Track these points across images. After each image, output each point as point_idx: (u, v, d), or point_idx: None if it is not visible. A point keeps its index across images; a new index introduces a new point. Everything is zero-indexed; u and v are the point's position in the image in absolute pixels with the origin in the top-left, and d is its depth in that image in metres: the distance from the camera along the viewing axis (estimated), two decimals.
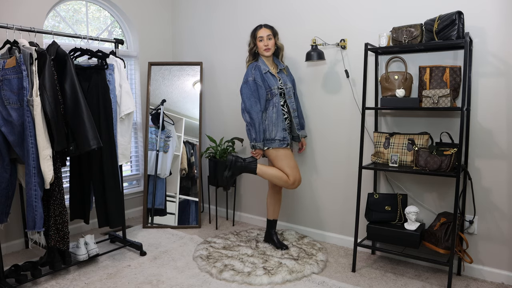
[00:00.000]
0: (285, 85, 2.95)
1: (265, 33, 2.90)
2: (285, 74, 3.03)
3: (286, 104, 2.96)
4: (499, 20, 2.40)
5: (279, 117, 2.86)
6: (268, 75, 2.89)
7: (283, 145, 2.87)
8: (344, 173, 3.12)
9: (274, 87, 2.87)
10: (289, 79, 3.05)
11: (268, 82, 2.87)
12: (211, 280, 2.58)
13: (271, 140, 2.87)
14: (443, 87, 2.47)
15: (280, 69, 3.00)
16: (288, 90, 2.96)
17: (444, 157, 2.36)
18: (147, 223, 3.62)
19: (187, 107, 3.79)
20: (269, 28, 2.94)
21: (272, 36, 2.93)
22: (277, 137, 2.85)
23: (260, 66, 2.90)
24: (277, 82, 2.91)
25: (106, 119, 2.74)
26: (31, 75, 2.31)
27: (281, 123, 2.87)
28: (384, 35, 2.63)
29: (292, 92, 3.02)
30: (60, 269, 2.63)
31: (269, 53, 2.92)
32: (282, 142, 2.86)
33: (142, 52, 3.93)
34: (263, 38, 2.89)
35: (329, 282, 2.55)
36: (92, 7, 3.71)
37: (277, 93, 2.88)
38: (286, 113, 2.95)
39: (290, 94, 2.97)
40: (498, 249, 2.52)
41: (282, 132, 2.87)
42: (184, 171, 3.71)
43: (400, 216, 2.68)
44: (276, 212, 3.13)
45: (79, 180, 2.85)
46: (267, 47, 2.90)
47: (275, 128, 2.85)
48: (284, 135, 2.87)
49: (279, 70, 3.00)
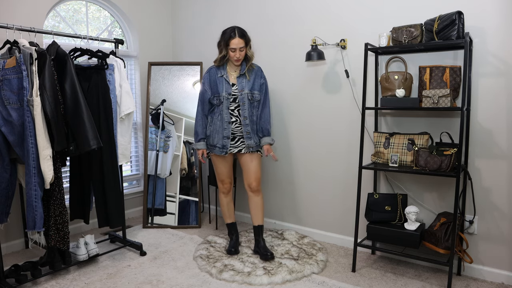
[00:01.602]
0: (240, 91, 2.85)
1: (238, 45, 2.76)
2: (247, 79, 2.89)
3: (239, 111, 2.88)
4: (499, 20, 2.40)
5: (222, 124, 2.84)
6: (221, 80, 2.85)
7: (221, 153, 2.86)
8: (344, 173, 3.12)
9: (222, 94, 2.83)
10: (248, 84, 2.87)
11: (218, 87, 2.85)
12: (211, 280, 2.58)
13: (213, 146, 2.89)
14: (443, 87, 2.47)
15: (241, 74, 2.89)
16: (242, 97, 2.85)
17: (444, 157, 2.36)
18: (147, 223, 3.62)
19: (187, 107, 3.79)
20: (242, 37, 2.78)
21: (244, 47, 2.81)
22: (217, 145, 2.86)
23: (214, 70, 2.89)
24: (229, 89, 2.84)
25: (106, 119, 2.74)
26: (31, 75, 2.31)
27: (223, 131, 2.84)
28: (384, 35, 2.63)
29: (248, 98, 2.86)
30: (60, 269, 2.63)
31: (238, 63, 2.85)
32: (221, 150, 2.86)
33: (142, 52, 3.93)
34: (235, 50, 2.78)
35: (329, 282, 2.55)
36: (92, 7, 3.71)
37: (225, 100, 2.83)
38: (236, 118, 2.86)
39: (243, 101, 2.84)
40: (498, 249, 2.52)
41: (223, 139, 2.84)
42: (184, 171, 3.71)
43: (400, 216, 2.68)
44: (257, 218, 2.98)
45: (79, 180, 2.85)
46: (238, 58, 2.81)
47: (217, 135, 2.86)
48: (224, 143, 2.85)
49: (240, 74, 2.89)
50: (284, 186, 3.49)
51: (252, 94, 2.88)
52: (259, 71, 2.96)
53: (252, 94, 2.88)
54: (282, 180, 3.48)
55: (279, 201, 3.53)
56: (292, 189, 3.44)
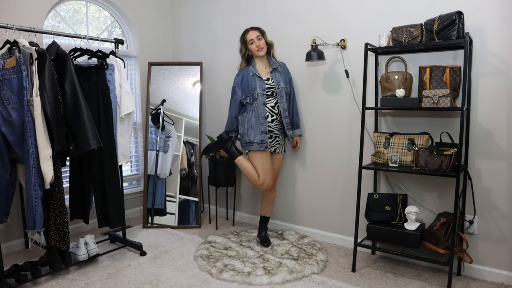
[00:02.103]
0: (277, 85, 2.99)
1: (254, 35, 2.95)
2: (279, 73, 3.05)
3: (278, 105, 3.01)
4: (499, 20, 2.40)
5: (258, 120, 2.93)
6: (254, 78, 2.95)
7: (261, 148, 2.94)
8: (344, 173, 3.12)
9: (256, 91, 2.92)
10: (283, 78, 3.05)
11: (250, 86, 2.94)
12: (211, 280, 2.59)
13: (250, 143, 2.95)
14: (443, 87, 2.47)
15: (274, 68, 3.03)
16: (280, 90, 2.99)
17: (444, 157, 2.36)
18: (147, 223, 3.62)
19: (187, 107, 3.79)
20: (256, 29, 2.99)
21: (261, 35, 2.97)
22: (255, 140, 2.93)
23: (246, 71, 3.00)
24: (263, 85, 2.95)
25: (106, 119, 2.74)
26: (31, 75, 2.31)
27: (260, 126, 2.93)
28: (384, 35, 2.63)
29: (285, 92, 3.03)
30: (60, 269, 2.63)
31: (262, 52, 2.97)
32: (260, 145, 2.94)
33: (142, 52, 3.93)
34: (253, 40, 2.94)
35: (329, 282, 2.55)
36: (92, 7, 3.71)
37: (260, 96, 2.93)
38: (275, 114, 3.00)
39: (281, 94, 3.00)
40: (498, 249, 2.52)
41: (261, 135, 2.93)
42: (184, 171, 3.71)
43: (400, 216, 2.68)
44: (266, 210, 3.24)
45: (79, 180, 2.85)
46: (259, 47, 2.95)
47: (253, 131, 2.94)
48: (262, 138, 2.93)
49: (273, 69, 3.02)
50: (284, 186, 3.49)
51: (286, 87, 3.06)
52: (285, 65, 3.15)
53: (287, 87, 3.07)
54: (282, 180, 3.48)
55: (279, 201, 3.53)
56: (292, 189, 3.44)
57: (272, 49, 3.06)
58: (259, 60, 3.02)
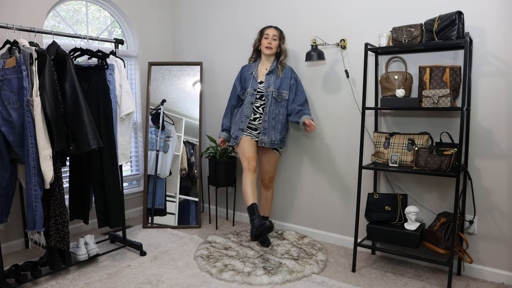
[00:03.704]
0: (266, 89, 2.98)
1: (271, 33, 2.98)
2: (276, 76, 3.00)
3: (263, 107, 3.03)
4: (499, 20, 2.40)
5: (240, 118, 3.04)
6: (250, 77, 3.03)
7: (234, 143, 3.06)
8: (344, 173, 3.12)
9: (248, 90, 3.03)
10: (277, 83, 2.98)
11: (246, 83, 3.06)
12: (211, 280, 2.59)
13: (233, 138, 3.09)
14: (443, 87, 2.47)
15: (270, 71, 3.00)
16: (267, 94, 2.98)
17: (444, 157, 2.36)
18: (147, 223, 3.62)
19: (187, 107, 3.79)
20: (277, 29, 3.02)
21: (278, 38, 2.99)
22: (233, 136, 3.08)
23: (247, 68, 3.11)
24: (256, 85, 3.00)
25: (106, 119, 2.74)
26: (31, 75, 2.31)
27: (240, 124, 3.03)
28: (384, 35, 2.63)
29: (272, 96, 2.97)
30: (60, 269, 2.63)
31: (269, 51, 2.97)
32: (234, 140, 3.05)
33: (142, 52, 3.93)
34: (269, 36, 2.97)
35: (329, 282, 2.55)
36: (92, 7, 3.71)
37: (249, 95, 3.00)
38: (260, 114, 3.02)
39: (268, 98, 2.98)
40: (498, 249, 2.52)
41: (237, 131, 3.03)
42: (184, 171, 3.71)
43: (400, 216, 2.68)
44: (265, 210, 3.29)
45: (79, 180, 2.85)
46: (269, 45, 2.97)
47: (234, 127, 3.09)
48: (237, 135, 3.03)
49: (269, 71, 3.00)
50: (284, 186, 3.49)
51: (278, 92, 3.00)
52: (290, 71, 3.07)
53: (279, 92, 3.00)
54: (282, 180, 3.48)
55: (279, 201, 3.53)
56: (292, 189, 3.44)
57: (282, 56, 3.03)
58: (265, 59, 3.05)
